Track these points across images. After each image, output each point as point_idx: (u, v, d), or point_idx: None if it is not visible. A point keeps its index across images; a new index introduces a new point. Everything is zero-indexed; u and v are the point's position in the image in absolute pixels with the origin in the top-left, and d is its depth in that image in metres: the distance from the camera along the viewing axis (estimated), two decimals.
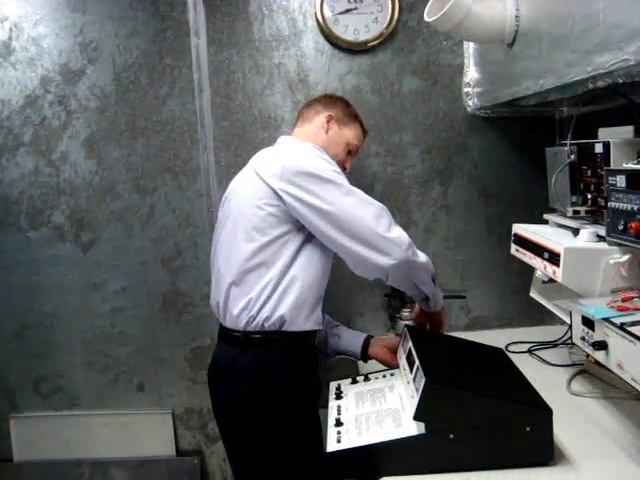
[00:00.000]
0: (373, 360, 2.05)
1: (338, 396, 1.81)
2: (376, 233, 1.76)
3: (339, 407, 1.73)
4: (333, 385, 1.90)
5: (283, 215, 1.81)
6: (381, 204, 1.82)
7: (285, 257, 1.81)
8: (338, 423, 1.62)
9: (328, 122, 2.07)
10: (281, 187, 1.79)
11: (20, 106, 2.55)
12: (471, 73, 2.46)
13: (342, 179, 1.81)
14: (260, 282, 1.81)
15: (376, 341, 2.08)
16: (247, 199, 1.86)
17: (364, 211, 1.78)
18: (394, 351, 1.98)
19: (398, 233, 1.78)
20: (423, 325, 2.09)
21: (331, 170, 1.82)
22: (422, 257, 1.85)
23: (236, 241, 1.86)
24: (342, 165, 2.05)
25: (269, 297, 1.80)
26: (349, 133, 2.11)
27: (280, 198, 1.79)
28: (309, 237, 1.84)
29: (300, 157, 1.84)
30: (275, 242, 1.81)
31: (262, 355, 1.82)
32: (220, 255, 1.94)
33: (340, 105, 2.13)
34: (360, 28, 2.47)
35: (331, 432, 1.59)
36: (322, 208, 1.77)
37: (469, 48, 2.46)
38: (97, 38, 2.51)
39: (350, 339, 2.11)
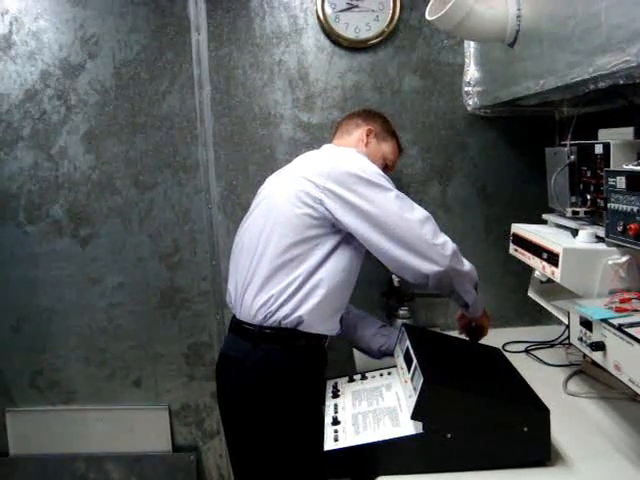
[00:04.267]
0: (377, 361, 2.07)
1: (335, 394, 1.82)
2: (422, 239, 1.76)
3: (336, 405, 1.74)
4: (330, 383, 1.90)
5: (319, 217, 1.80)
6: (426, 211, 1.82)
7: (314, 259, 1.81)
8: (335, 422, 1.62)
9: (367, 136, 2.10)
10: (328, 186, 1.79)
11: (20, 100, 2.55)
12: (471, 72, 2.46)
13: (390, 184, 1.82)
14: (285, 280, 1.81)
15: None
16: (285, 196, 1.86)
17: (411, 216, 1.78)
18: None
19: (444, 240, 1.79)
20: (465, 328, 2.10)
21: (378, 174, 1.83)
22: (467, 265, 1.86)
23: (266, 235, 1.86)
24: None
25: (291, 296, 1.80)
26: (387, 148, 2.14)
27: (321, 200, 1.79)
28: (341, 243, 1.84)
29: (349, 160, 1.86)
30: (307, 242, 1.81)
31: (275, 351, 1.82)
32: (245, 247, 1.94)
33: (379, 120, 2.17)
34: (361, 26, 2.47)
35: (328, 431, 1.60)
36: (368, 210, 1.77)
37: (470, 47, 2.46)
38: (98, 33, 2.51)
39: None
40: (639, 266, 1.60)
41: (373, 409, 1.64)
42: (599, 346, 1.37)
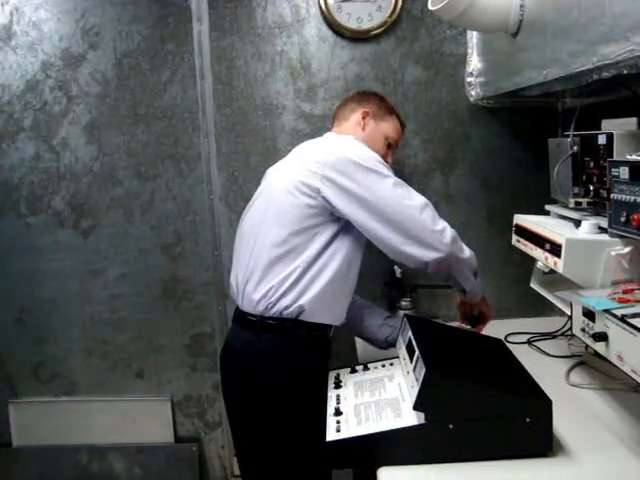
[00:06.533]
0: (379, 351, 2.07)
1: (337, 385, 1.82)
2: (421, 225, 1.75)
3: (338, 396, 1.74)
4: (332, 374, 1.90)
5: (318, 206, 1.79)
6: (425, 198, 1.81)
7: (313, 249, 1.80)
8: (337, 412, 1.62)
9: (364, 118, 2.07)
10: (326, 174, 1.77)
11: (21, 91, 2.54)
12: (474, 63, 2.45)
13: (387, 171, 1.81)
14: (284, 271, 1.80)
15: None
16: (284, 186, 1.85)
17: (409, 202, 1.77)
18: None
19: (443, 226, 1.78)
20: (466, 315, 2.09)
21: (377, 161, 1.81)
22: (466, 252, 1.85)
23: (266, 227, 1.86)
24: (384, 159, 2.04)
25: (292, 287, 1.80)
26: (387, 127, 2.11)
27: (319, 189, 1.78)
28: (340, 231, 1.83)
29: (347, 147, 1.85)
30: (306, 232, 1.80)
31: (277, 341, 1.82)
32: (246, 239, 1.94)
33: (374, 100, 2.13)
34: (363, 16, 2.46)
35: (330, 421, 1.60)
36: (366, 198, 1.76)
37: (472, 38, 2.44)
38: (98, 23, 2.50)
39: None
40: None
41: (375, 400, 1.65)
42: (602, 337, 1.36)
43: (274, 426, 1.83)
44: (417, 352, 1.57)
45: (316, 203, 1.79)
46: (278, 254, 1.81)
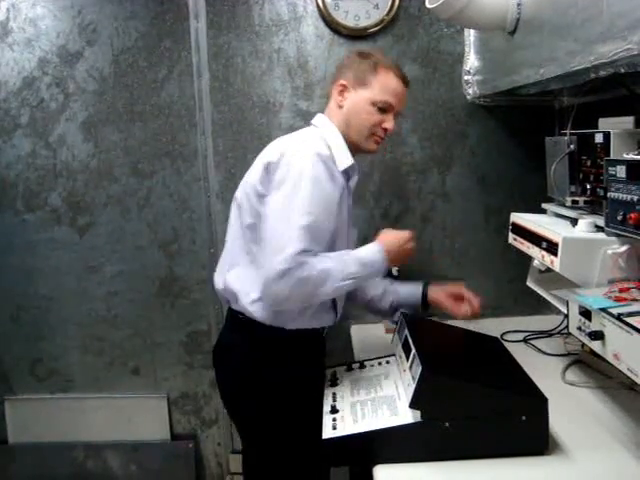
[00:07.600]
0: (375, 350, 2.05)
1: (333, 383, 1.81)
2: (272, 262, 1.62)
3: (334, 394, 1.73)
4: (328, 372, 1.90)
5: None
6: (302, 244, 1.60)
7: None
8: (333, 410, 1.62)
9: (341, 93, 1.83)
10: (268, 169, 1.72)
11: (17, 88, 2.54)
12: (471, 61, 2.44)
13: (314, 184, 1.65)
14: (252, 275, 1.75)
15: (434, 286, 2.07)
16: (245, 184, 1.82)
17: (283, 235, 1.63)
18: (454, 297, 2.02)
19: (287, 267, 1.58)
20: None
21: (308, 181, 1.65)
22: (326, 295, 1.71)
23: (235, 228, 1.85)
24: (381, 128, 1.83)
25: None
26: (371, 91, 1.80)
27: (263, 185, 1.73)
28: None
29: (291, 145, 1.76)
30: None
31: (268, 340, 1.79)
32: (227, 235, 1.91)
33: (354, 63, 1.85)
34: (360, 14, 2.46)
35: (326, 419, 1.60)
36: (265, 208, 1.71)
37: (470, 36, 2.44)
38: (96, 20, 2.49)
39: (409, 291, 2.09)
40: (639, 256, 1.59)
41: (371, 398, 1.65)
42: (598, 335, 1.37)
43: (270, 424, 1.82)
44: (413, 350, 1.57)
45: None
46: (246, 255, 1.79)
